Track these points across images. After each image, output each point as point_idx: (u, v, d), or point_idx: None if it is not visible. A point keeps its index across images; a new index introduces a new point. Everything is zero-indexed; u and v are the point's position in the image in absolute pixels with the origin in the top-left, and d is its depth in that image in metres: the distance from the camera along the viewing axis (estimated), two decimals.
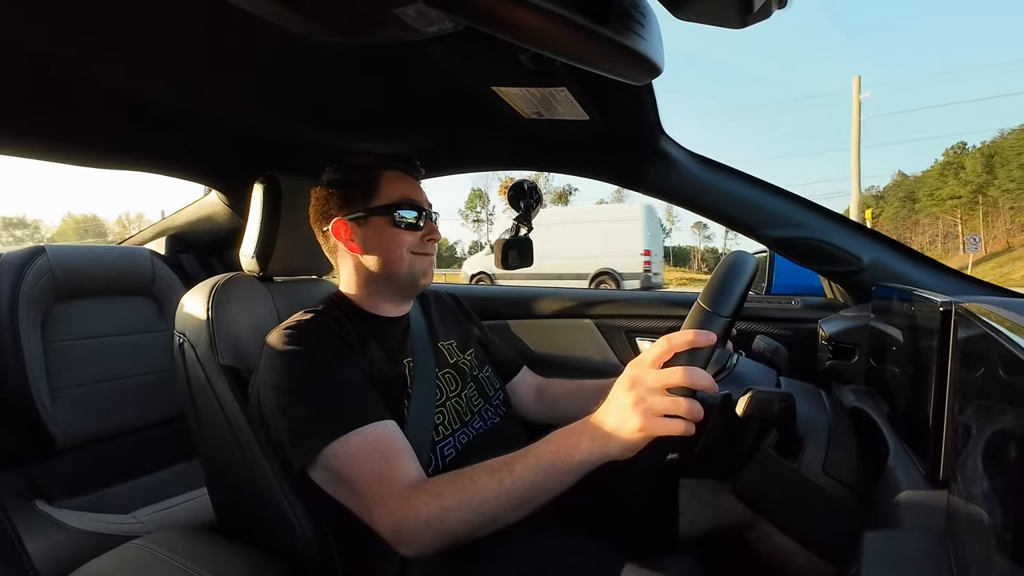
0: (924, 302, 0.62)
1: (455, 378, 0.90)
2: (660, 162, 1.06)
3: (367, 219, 0.85)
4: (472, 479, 0.63)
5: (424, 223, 0.88)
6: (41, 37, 0.69)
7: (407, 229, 0.85)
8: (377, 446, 0.68)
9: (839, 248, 1.01)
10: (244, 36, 0.69)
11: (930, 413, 0.54)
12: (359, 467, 0.67)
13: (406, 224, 0.85)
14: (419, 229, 0.87)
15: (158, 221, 1.78)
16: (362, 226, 0.85)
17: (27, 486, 1.32)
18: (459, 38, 0.66)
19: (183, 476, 1.52)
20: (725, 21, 0.43)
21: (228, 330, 0.84)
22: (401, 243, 0.85)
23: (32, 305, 1.33)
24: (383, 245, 0.85)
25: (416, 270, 0.87)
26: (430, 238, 0.88)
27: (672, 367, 0.56)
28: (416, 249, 0.87)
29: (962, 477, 0.44)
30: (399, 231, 0.85)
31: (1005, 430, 0.35)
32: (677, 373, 0.55)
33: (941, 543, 0.45)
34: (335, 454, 0.68)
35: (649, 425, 0.55)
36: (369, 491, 0.66)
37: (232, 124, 1.06)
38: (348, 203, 0.86)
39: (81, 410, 1.39)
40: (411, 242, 0.86)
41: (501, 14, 0.40)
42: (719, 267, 0.68)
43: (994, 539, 0.33)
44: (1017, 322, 0.37)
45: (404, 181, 0.88)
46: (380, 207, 0.84)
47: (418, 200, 0.88)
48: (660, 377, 0.55)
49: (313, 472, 0.71)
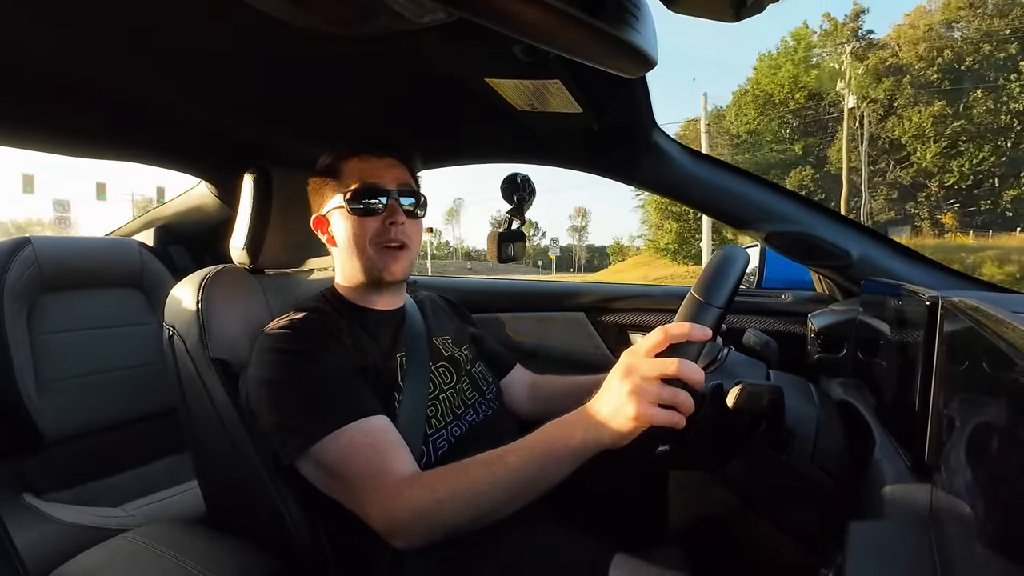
0: (912, 296, 0.63)
1: (449, 371, 0.90)
2: (652, 155, 1.06)
3: (331, 212, 0.85)
4: (466, 471, 0.64)
5: (387, 207, 0.82)
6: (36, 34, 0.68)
7: (365, 215, 0.82)
8: (368, 440, 0.68)
9: (828, 243, 1.02)
10: (237, 28, 0.68)
11: (915, 405, 0.55)
12: (351, 461, 0.67)
13: (363, 210, 0.81)
14: (379, 213, 0.82)
15: (146, 212, 1.76)
16: (331, 220, 0.85)
17: (15, 480, 1.30)
18: (452, 29, 0.65)
19: (173, 469, 1.51)
20: (719, 15, 0.43)
21: (218, 323, 0.83)
22: (361, 233, 0.82)
23: (17, 297, 1.31)
24: (344, 237, 0.83)
25: (377, 265, 0.83)
26: (391, 221, 0.82)
27: (667, 358, 0.56)
28: (380, 241, 0.82)
29: (946, 468, 0.44)
30: (357, 219, 0.82)
31: (988, 422, 0.35)
32: (672, 364, 0.55)
33: (925, 533, 0.46)
34: (326, 449, 0.68)
35: (644, 413, 0.55)
36: (362, 485, 0.66)
37: (223, 115, 1.05)
38: (319, 197, 0.86)
39: (69, 403, 1.38)
40: (373, 231, 0.82)
41: (495, 5, 0.40)
42: (711, 259, 0.69)
43: (976, 529, 0.34)
44: (1002, 316, 0.38)
45: (368, 164, 0.84)
46: (339, 197, 0.83)
47: (377, 182, 0.82)
48: (655, 366, 0.56)
49: (304, 467, 0.71)
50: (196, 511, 1.26)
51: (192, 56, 0.78)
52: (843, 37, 25.10)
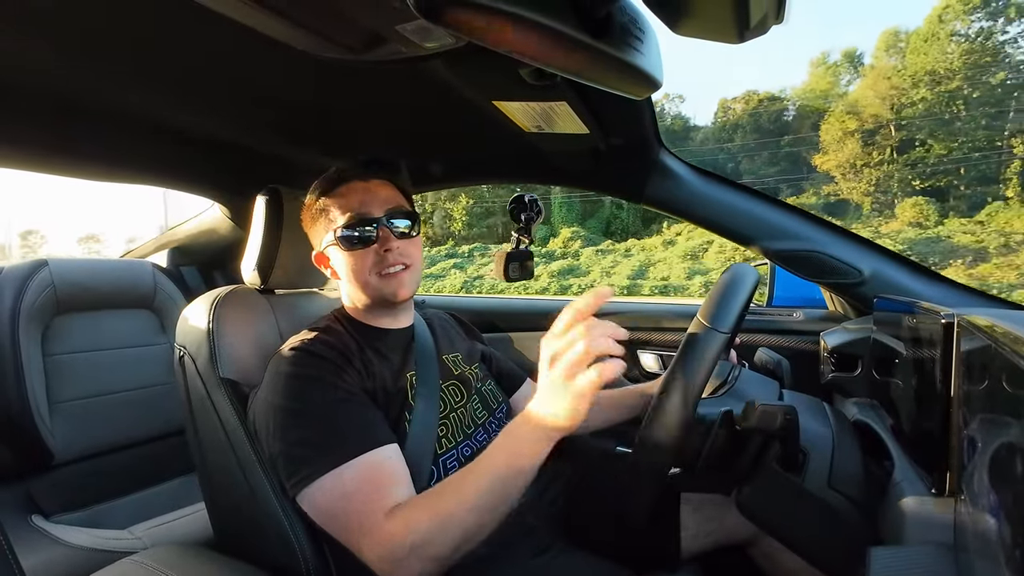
0: (926, 314, 0.62)
1: (459, 390, 0.89)
2: (659, 175, 1.06)
3: (327, 248, 0.85)
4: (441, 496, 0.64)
5: (378, 235, 0.81)
6: (46, 56, 0.70)
7: (361, 249, 0.81)
8: (371, 476, 0.68)
9: (839, 260, 1.01)
10: (248, 53, 0.70)
11: (935, 426, 0.53)
12: (347, 504, 0.66)
13: (355, 242, 0.81)
14: (372, 243, 0.81)
15: (161, 234, 1.79)
16: (329, 255, 0.86)
17: (24, 501, 1.31)
18: (460, 54, 0.67)
19: (180, 491, 1.51)
20: (723, 36, 0.44)
21: (229, 343, 0.84)
22: (361, 267, 0.82)
23: (33, 319, 1.33)
24: (346, 272, 0.84)
25: (385, 292, 0.83)
26: (386, 248, 0.81)
27: (580, 336, 0.56)
28: (378, 268, 0.82)
29: (969, 491, 0.43)
30: (353, 254, 0.81)
31: (1011, 443, 0.34)
32: (583, 342, 0.55)
33: (949, 558, 0.45)
34: (325, 488, 0.67)
35: (580, 398, 0.55)
36: (358, 527, 0.65)
37: (235, 139, 1.07)
38: (313, 233, 0.87)
39: (79, 424, 1.39)
40: (371, 261, 0.81)
41: (501, 30, 0.41)
42: (719, 280, 0.68)
43: (1003, 554, 0.33)
44: (1020, 335, 0.37)
45: (354, 194, 0.82)
46: (331, 234, 0.82)
47: (365, 212, 0.81)
48: (575, 348, 0.55)
49: (303, 502, 0.70)
50: (203, 534, 1.25)
51: (207, 81, 0.81)
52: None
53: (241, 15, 0.57)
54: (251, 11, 0.56)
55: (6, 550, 0.45)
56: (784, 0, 0.38)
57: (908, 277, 1.00)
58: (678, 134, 32.66)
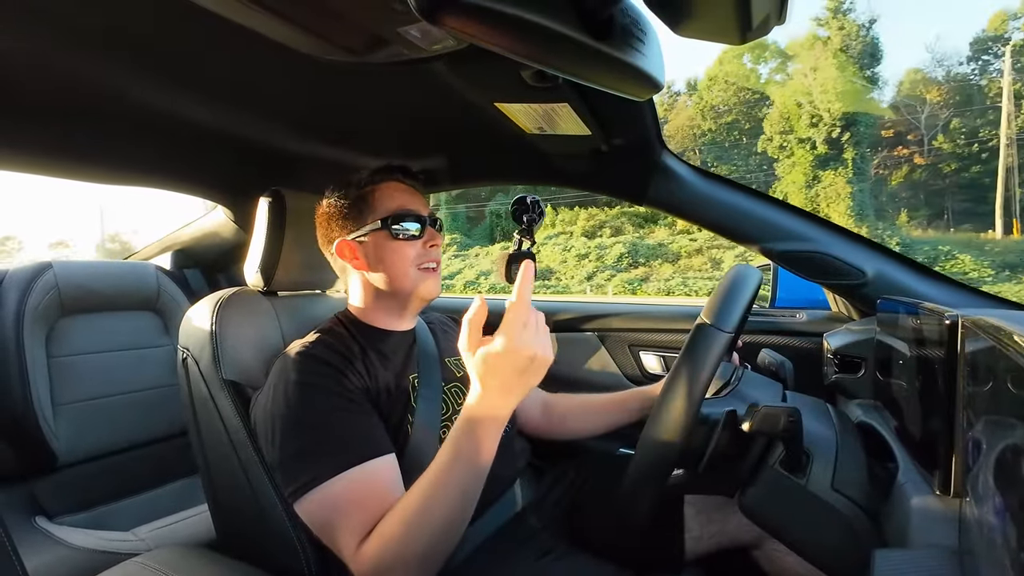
0: (930, 315, 0.62)
1: (462, 392, 0.89)
2: (661, 176, 1.06)
3: (367, 236, 0.85)
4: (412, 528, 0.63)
5: (424, 231, 0.86)
6: (47, 57, 0.70)
7: (407, 240, 0.85)
8: (365, 488, 0.68)
9: (842, 261, 1.01)
10: (252, 55, 0.70)
11: (939, 428, 0.53)
12: (337, 517, 0.67)
13: (405, 236, 0.85)
14: (420, 238, 0.86)
15: (164, 236, 1.80)
16: (363, 244, 0.85)
17: (28, 502, 1.31)
18: (461, 56, 0.67)
19: (184, 492, 1.51)
20: (725, 37, 0.44)
21: (232, 345, 0.84)
22: (404, 257, 0.84)
23: (37, 321, 1.34)
24: (386, 260, 0.84)
25: (421, 288, 0.86)
26: (431, 244, 0.87)
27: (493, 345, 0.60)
28: (420, 262, 0.85)
29: (974, 493, 0.43)
30: (400, 243, 0.84)
31: (1016, 444, 0.34)
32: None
33: (954, 561, 0.44)
34: (316, 499, 0.67)
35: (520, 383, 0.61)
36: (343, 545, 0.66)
37: (238, 140, 1.07)
38: (348, 222, 0.86)
39: (83, 425, 1.39)
40: (414, 255, 0.85)
41: (503, 33, 0.41)
42: (722, 281, 0.68)
43: (1008, 556, 0.33)
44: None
45: (400, 191, 0.87)
46: (378, 222, 0.84)
47: (416, 209, 0.86)
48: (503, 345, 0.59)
49: (299, 510, 0.70)
50: (206, 535, 1.25)
51: (209, 82, 0.81)
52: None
53: (245, 18, 0.57)
54: (255, 14, 0.56)
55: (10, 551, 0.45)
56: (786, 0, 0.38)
57: (911, 278, 0.99)
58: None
